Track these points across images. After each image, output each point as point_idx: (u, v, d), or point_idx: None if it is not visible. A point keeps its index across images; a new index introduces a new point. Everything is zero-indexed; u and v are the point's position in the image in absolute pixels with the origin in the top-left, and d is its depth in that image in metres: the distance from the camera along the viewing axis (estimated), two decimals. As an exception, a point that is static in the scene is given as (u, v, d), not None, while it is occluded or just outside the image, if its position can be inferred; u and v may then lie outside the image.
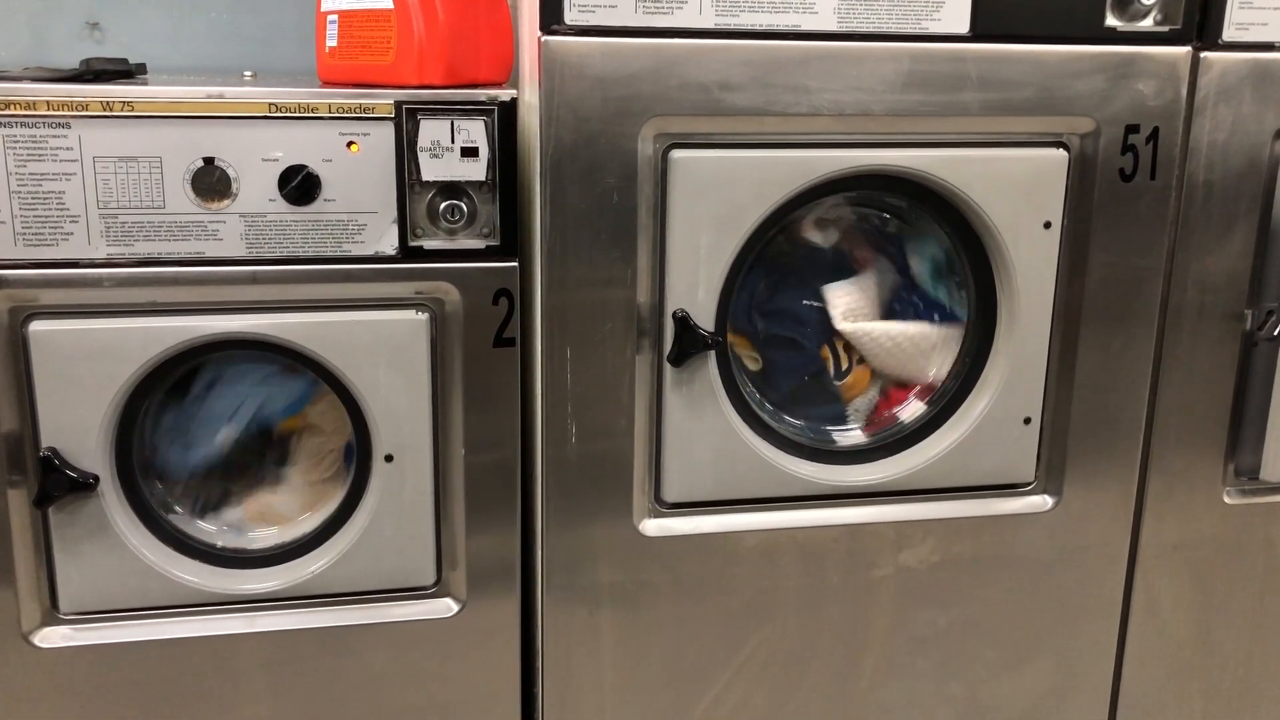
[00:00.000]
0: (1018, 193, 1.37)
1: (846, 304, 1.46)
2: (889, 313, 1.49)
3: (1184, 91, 1.37)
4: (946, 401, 1.47)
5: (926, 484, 1.46)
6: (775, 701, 1.50)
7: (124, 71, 1.36)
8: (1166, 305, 1.45)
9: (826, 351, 1.48)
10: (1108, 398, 1.46)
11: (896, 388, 1.50)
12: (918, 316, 1.48)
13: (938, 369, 1.48)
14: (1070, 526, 1.50)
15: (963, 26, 1.31)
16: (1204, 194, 1.42)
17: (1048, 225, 1.39)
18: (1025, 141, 1.37)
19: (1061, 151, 1.38)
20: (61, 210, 1.22)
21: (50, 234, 1.22)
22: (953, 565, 1.49)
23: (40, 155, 1.20)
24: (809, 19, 1.27)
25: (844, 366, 1.49)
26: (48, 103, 1.19)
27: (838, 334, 1.46)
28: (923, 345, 1.47)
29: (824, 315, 1.47)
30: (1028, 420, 1.46)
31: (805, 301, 1.47)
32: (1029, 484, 1.49)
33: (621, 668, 1.44)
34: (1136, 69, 1.35)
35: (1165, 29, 1.35)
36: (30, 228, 1.22)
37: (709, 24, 1.25)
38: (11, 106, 1.19)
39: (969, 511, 1.48)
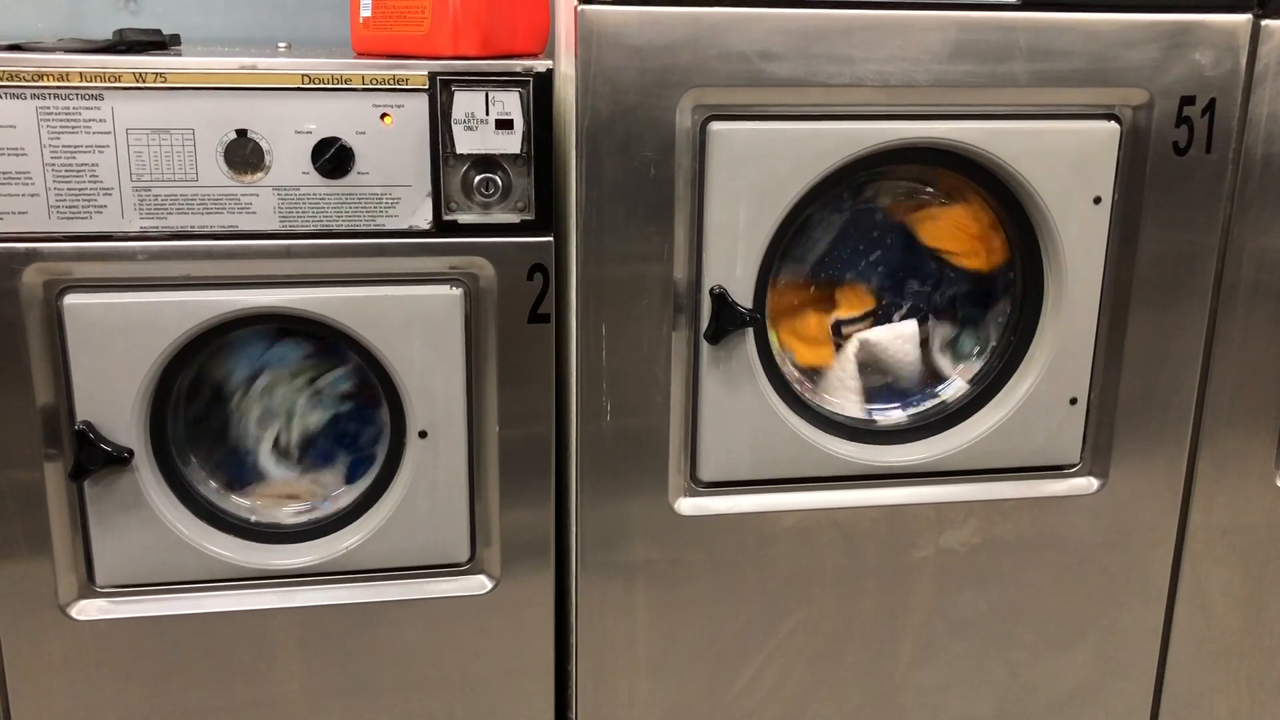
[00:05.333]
0: (1067, 166, 1.34)
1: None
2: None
3: (1243, 61, 1.32)
4: (991, 381, 1.44)
5: (969, 465, 1.43)
6: (812, 682, 1.48)
7: (157, 42, 1.35)
8: (1220, 283, 1.41)
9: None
10: (1157, 378, 1.43)
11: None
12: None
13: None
14: (1116, 509, 1.47)
15: (1012, -6, 1.27)
16: (1262, 168, 1.37)
17: (1098, 200, 1.36)
18: (1075, 113, 1.33)
19: (1113, 124, 1.34)
20: (95, 183, 1.21)
21: (84, 207, 1.22)
22: (994, 547, 1.46)
23: (73, 127, 1.19)
24: (854, -14, 1.24)
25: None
26: (80, 74, 1.18)
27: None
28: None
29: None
30: (1074, 400, 1.43)
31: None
32: (1074, 465, 1.46)
33: (656, 646, 1.43)
34: (1193, 38, 1.31)
35: (1224, -4, 1.31)
36: (64, 200, 1.21)
37: (750, -8, 1.22)
38: (44, 78, 1.18)
39: (1012, 493, 1.45)
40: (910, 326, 1.45)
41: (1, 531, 1.29)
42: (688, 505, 1.39)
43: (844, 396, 1.44)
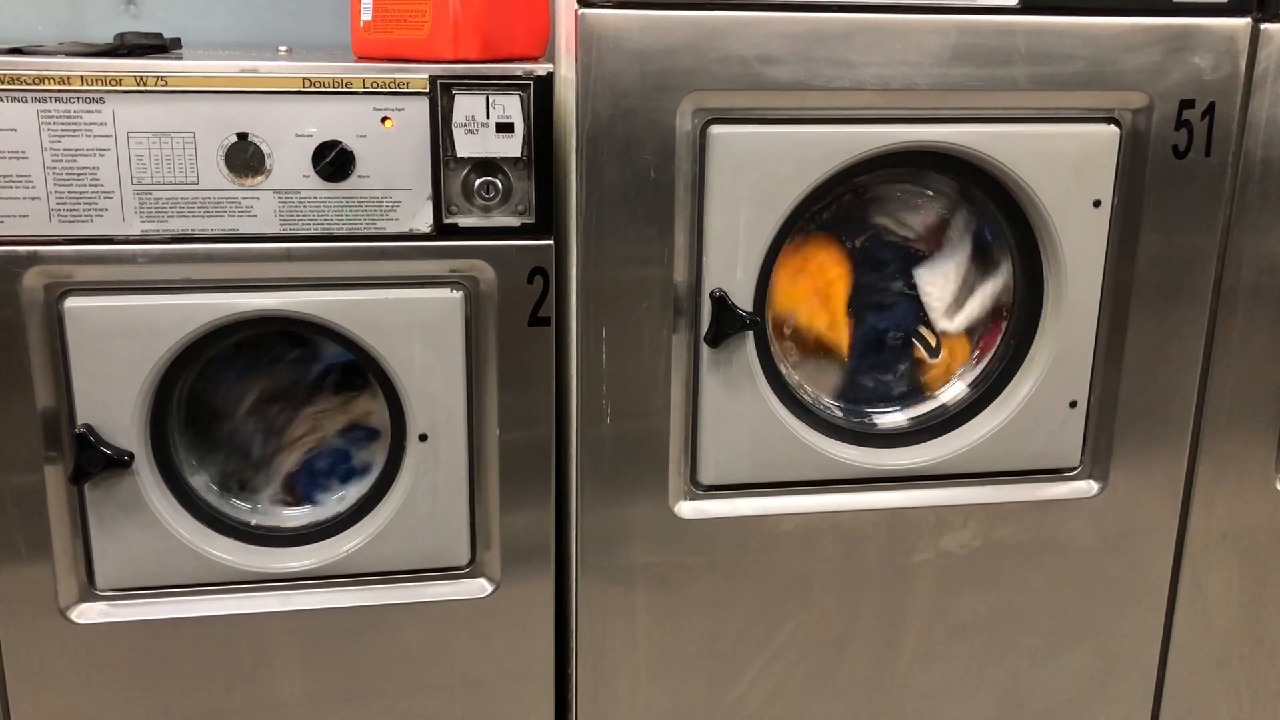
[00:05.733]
0: (1067, 170, 1.34)
1: (939, 293, 1.44)
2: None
3: (1243, 65, 1.33)
4: (990, 384, 1.44)
5: (969, 468, 1.43)
6: (812, 686, 1.48)
7: (158, 46, 1.35)
8: (1220, 286, 1.41)
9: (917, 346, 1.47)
10: (1157, 381, 1.43)
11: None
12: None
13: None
14: (1116, 512, 1.47)
15: (1012, -2, 1.27)
16: (1261, 171, 1.37)
17: (1097, 203, 1.36)
18: (1075, 117, 1.34)
19: (1112, 127, 1.34)
20: (96, 186, 1.21)
21: (84, 210, 1.22)
22: (995, 550, 1.46)
23: (74, 130, 1.20)
24: (853, -10, 1.24)
25: (933, 344, 1.46)
26: (81, 77, 1.18)
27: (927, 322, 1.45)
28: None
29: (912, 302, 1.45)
30: (1074, 404, 1.43)
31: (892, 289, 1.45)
32: (1074, 469, 1.46)
33: (656, 649, 1.43)
34: (1193, 41, 1.31)
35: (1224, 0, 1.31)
36: (65, 204, 1.21)
37: (750, -4, 1.22)
38: (46, 81, 1.18)
39: (1012, 496, 1.45)
40: (950, 266, 1.44)
41: (2, 535, 1.29)
42: (688, 509, 1.39)
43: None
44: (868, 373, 1.46)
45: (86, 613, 1.34)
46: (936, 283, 1.44)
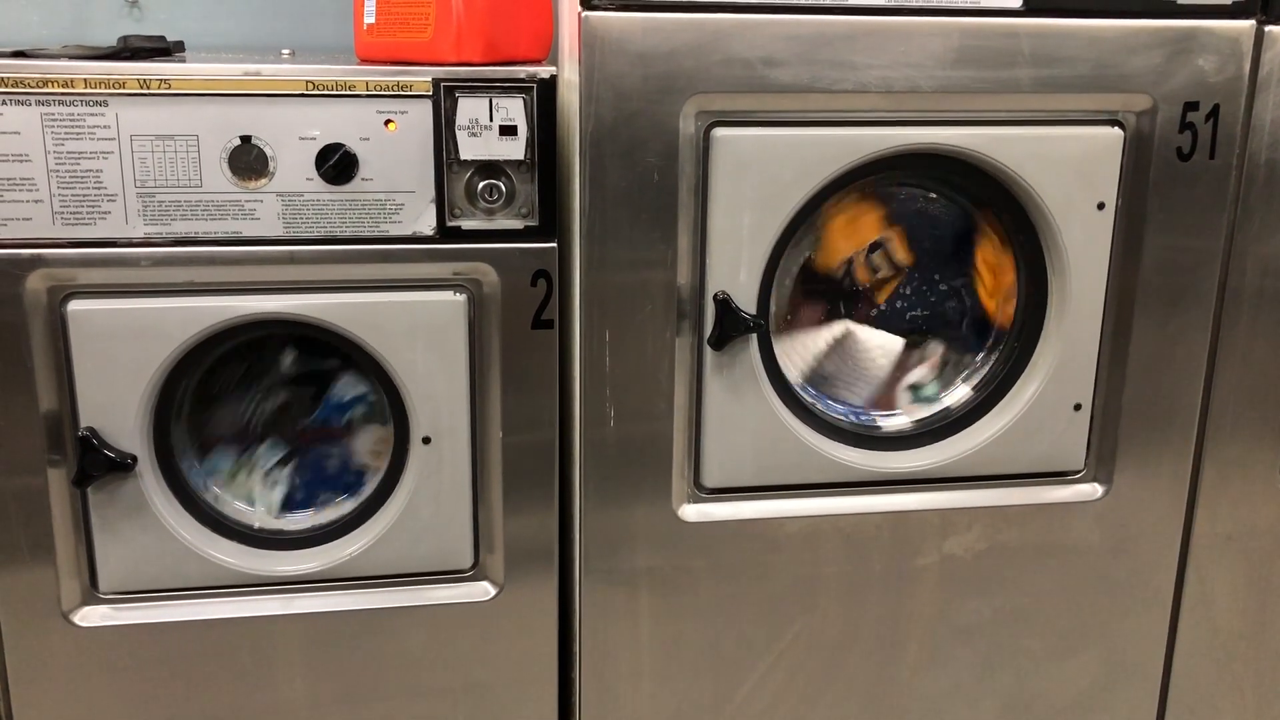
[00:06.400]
0: (1071, 172, 1.33)
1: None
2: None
3: (1247, 67, 1.32)
4: (995, 387, 1.43)
5: (973, 471, 1.43)
6: (815, 690, 1.48)
7: (162, 49, 1.35)
8: (1224, 289, 1.41)
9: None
10: (1161, 383, 1.42)
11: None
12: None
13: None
14: (1121, 515, 1.47)
15: (1015, 1, 1.27)
16: (1266, 174, 1.37)
17: (1101, 206, 1.35)
18: (1079, 119, 1.33)
19: (1116, 130, 1.34)
20: (99, 189, 1.21)
21: (88, 213, 1.22)
22: (999, 554, 1.46)
23: (78, 134, 1.20)
24: (857, -7, 1.24)
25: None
26: (85, 80, 1.18)
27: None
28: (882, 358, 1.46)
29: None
30: (1078, 406, 1.42)
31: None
32: (1079, 471, 1.46)
33: (660, 653, 1.43)
34: (1197, 44, 1.31)
35: (1227, 2, 1.30)
36: (68, 207, 1.21)
37: (754, -2, 1.22)
38: (49, 84, 1.18)
39: (1016, 499, 1.45)
40: (896, 344, 1.45)
41: (5, 538, 1.29)
42: (691, 512, 1.38)
43: (792, 361, 1.42)
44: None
45: (89, 616, 1.34)
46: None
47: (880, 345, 1.45)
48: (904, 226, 1.42)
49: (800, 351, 1.42)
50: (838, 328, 1.44)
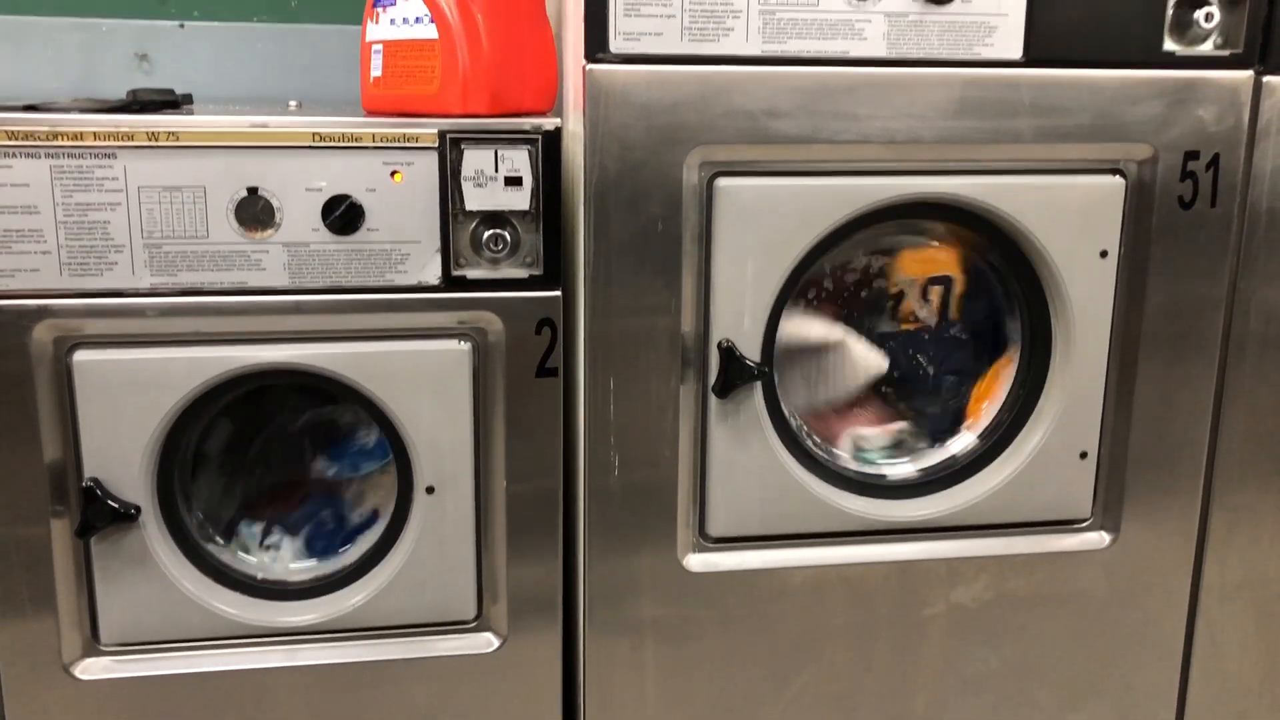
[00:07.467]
0: (1073, 221, 1.34)
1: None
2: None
3: (1246, 117, 1.33)
4: (1000, 435, 1.43)
5: (980, 519, 1.42)
6: (823, 742, 1.46)
7: (170, 102, 1.37)
8: (1229, 336, 1.41)
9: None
10: (1167, 431, 1.42)
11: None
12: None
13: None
14: (1129, 564, 1.46)
15: (1016, 52, 1.28)
16: (1267, 221, 1.37)
17: (1104, 254, 1.36)
18: (1081, 168, 1.34)
19: (1118, 178, 1.35)
20: (106, 240, 1.22)
21: (95, 264, 1.22)
22: (1006, 603, 1.45)
23: (86, 185, 1.20)
24: (858, 45, 1.25)
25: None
26: (94, 133, 1.20)
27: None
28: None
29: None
30: (1084, 454, 1.42)
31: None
32: (1085, 520, 1.45)
33: (665, 705, 1.41)
34: (1196, 94, 1.32)
35: (1226, 53, 1.32)
36: (75, 257, 1.22)
37: (755, 51, 1.23)
38: (59, 137, 1.19)
39: (1023, 548, 1.44)
40: (879, 363, 1.44)
41: (6, 589, 1.28)
42: (696, 561, 1.38)
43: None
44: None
45: (90, 668, 1.33)
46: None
47: (864, 361, 1.44)
48: (969, 290, 1.44)
49: (792, 329, 1.41)
50: (836, 331, 1.43)
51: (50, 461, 1.26)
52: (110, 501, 1.26)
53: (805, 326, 1.41)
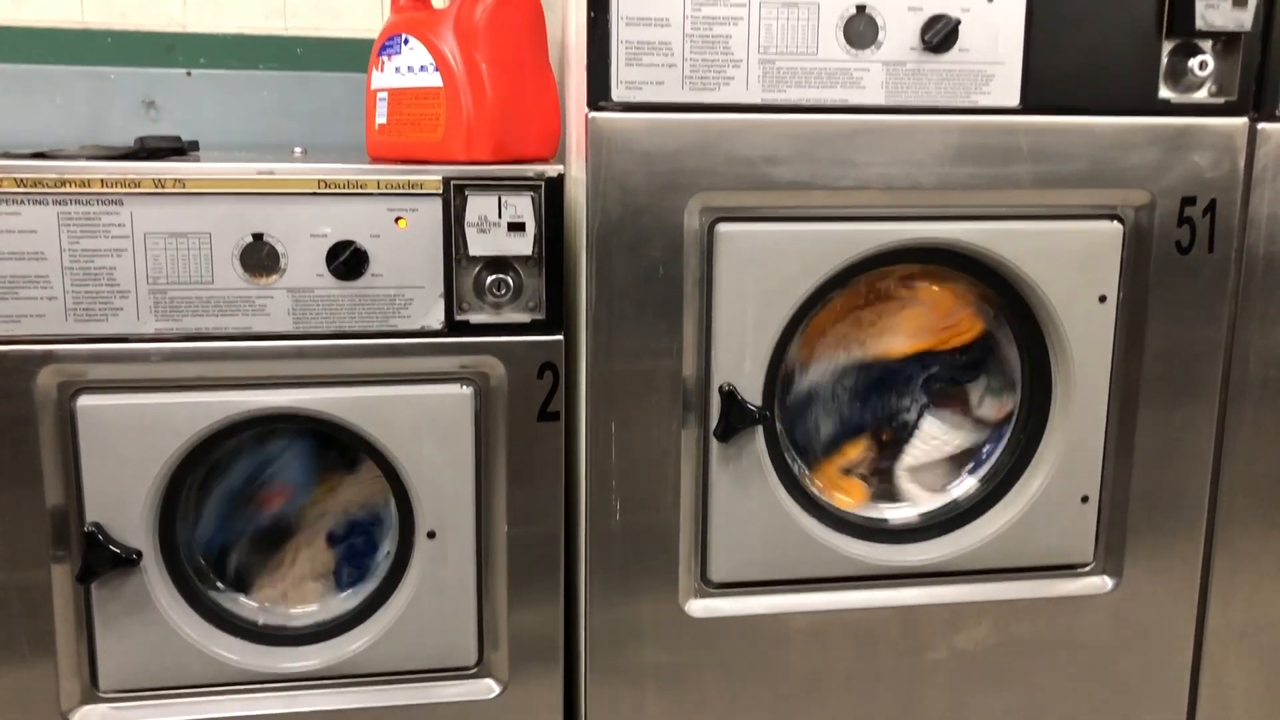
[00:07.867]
0: (1072, 266, 1.35)
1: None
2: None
3: (1241, 163, 1.35)
4: (1001, 479, 1.43)
5: (981, 564, 1.42)
6: (826, 790, 1.44)
7: (177, 149, 1.38)
8: (1228, 380, 1.41)
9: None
10: (1169, 475, 1.42)
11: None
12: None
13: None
14: (1132, 609, 1.45)
15: (1013, 100, 1.29)
16: (1265, 266, 1.38)
17: (1103, 299, 1.37)
18: (1078, 214, 1.35)
19: (1116, 224, 1.36)
20: (112, 286, 1.23)
21: (100, 309, 1.23)
22: (1009, 648, 1.44)
23: (93, 232, 1.22)
24: (856, 94, 1.26)
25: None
26: (101, 180, 1.21)
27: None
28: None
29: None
30: (1085, 499, 1.42)
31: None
32: (1087, 565, 1.45)
33: (666, 752, 1.40)
34: (1192, 141, 1.33)
35: (1220, 100, 1.33)
36: (81, 303, 1.23)
37: (756, 99, 1.25)
38: (67, 184, 1.20)
39: (1026, 593, 1.43)
40: (934, 427, 1.46)
41: (5, 634, 1.27)
42: (698, 607, 1.37)
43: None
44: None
45: (89, 715, 1.32)
46: (934, 436, 1.46)
47: (940, 437, 1.46)
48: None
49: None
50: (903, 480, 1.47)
51: (52, 506, 1.26)
52: (112, 546, 1.26)
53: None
